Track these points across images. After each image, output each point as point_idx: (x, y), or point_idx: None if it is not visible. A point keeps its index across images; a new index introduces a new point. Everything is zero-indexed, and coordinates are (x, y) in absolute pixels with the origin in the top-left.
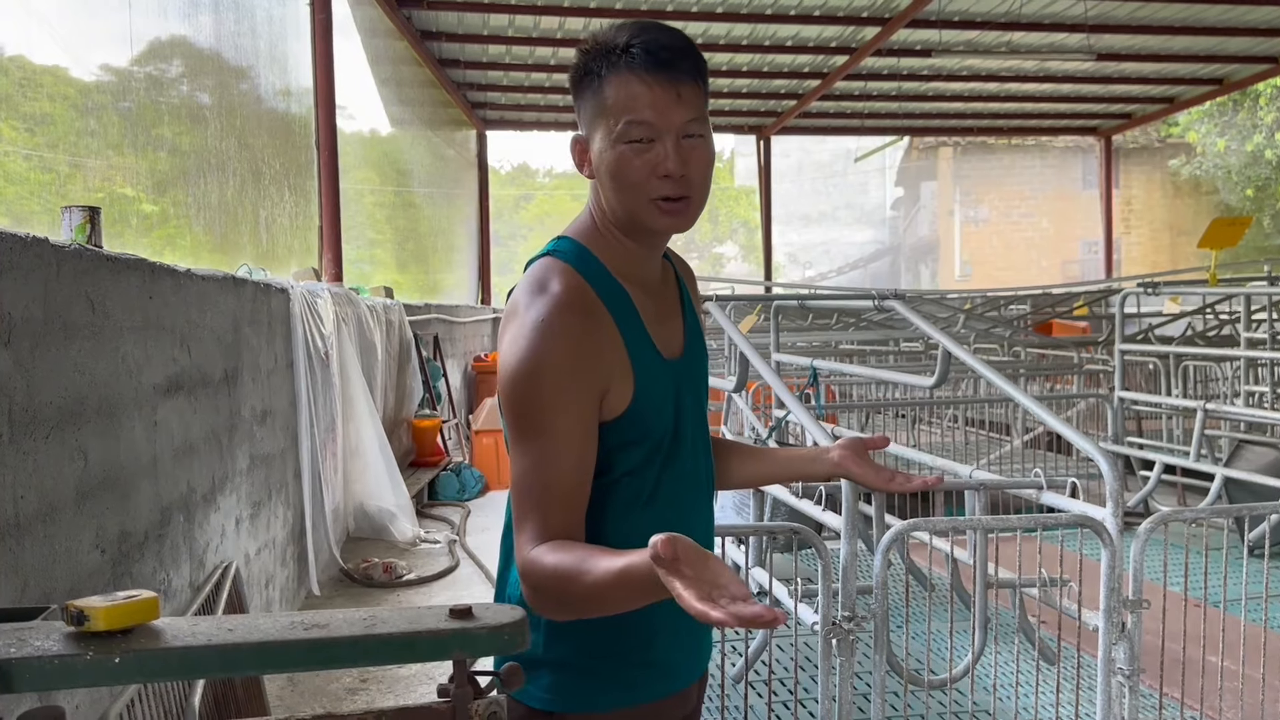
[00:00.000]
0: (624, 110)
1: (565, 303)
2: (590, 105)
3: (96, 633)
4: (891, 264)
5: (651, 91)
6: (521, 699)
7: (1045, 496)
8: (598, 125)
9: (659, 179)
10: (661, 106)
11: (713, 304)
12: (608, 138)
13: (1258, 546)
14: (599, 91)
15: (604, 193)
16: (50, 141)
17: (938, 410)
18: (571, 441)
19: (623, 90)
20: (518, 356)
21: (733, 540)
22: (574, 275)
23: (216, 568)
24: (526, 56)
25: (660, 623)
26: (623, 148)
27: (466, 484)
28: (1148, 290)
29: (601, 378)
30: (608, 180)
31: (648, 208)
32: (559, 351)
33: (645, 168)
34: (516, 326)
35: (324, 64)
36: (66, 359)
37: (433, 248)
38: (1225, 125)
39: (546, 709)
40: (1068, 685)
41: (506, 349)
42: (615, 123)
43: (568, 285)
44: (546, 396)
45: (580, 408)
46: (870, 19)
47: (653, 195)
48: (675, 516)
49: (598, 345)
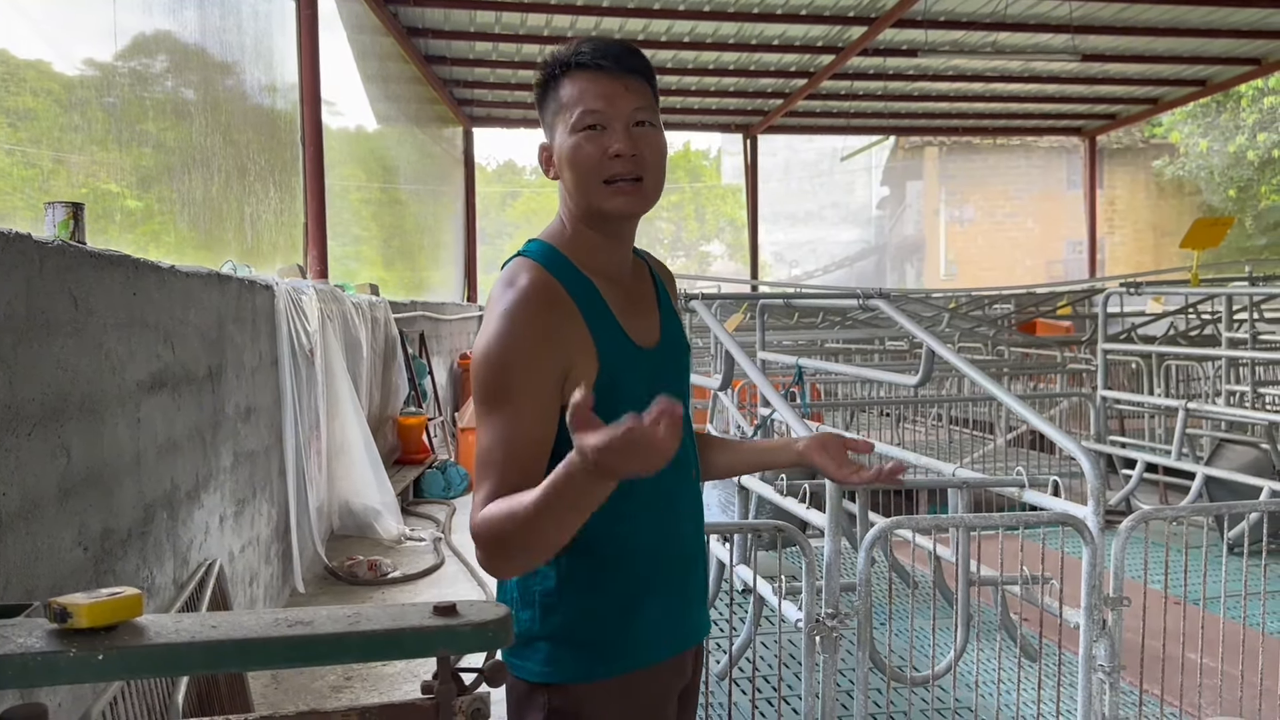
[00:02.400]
0: (577, 103)
1: (529, 295)
2: (550, 108)
3: (80, 630)
4: (877, 263)
5: (599, 84)
6: (520, 675)
7: (1028, 495)
8: (556, 124)
9: (610, 159)
10: (610, 96)
11: (699, 302)
12: (565, 131)
13: (1237, 545)
14: (555, 93)
15: (565, 186)
16: (34, 137)
17: (922, 409)
18: (531, 416)
19: (575, 87)
20: (485, 342)
21: (718, 538)
22: (539, 270)
23: (200, 565)
24: (513, 53)
25: (647, 589)
26: (577, 136)
27: (452, 481)
28: (1131, 290)
29: (563, 360)
30: (567, 170)
31: (601, 190)
32: (521, 336)
33: (598, 151)
34: (488, 317)
35: (309, 60)
36: (49, 355)
37: (419, 245)
38: (1208, 126)
39: (545, 681)
40: (1049, 682)
41: (478, 338)
42: (570, 115)
43: (532, 280)
44: (508, 376)
45: (540, 386)
46: (856, 18)
47: (604, 175)
48: (660, 499)
49: (559, 331)
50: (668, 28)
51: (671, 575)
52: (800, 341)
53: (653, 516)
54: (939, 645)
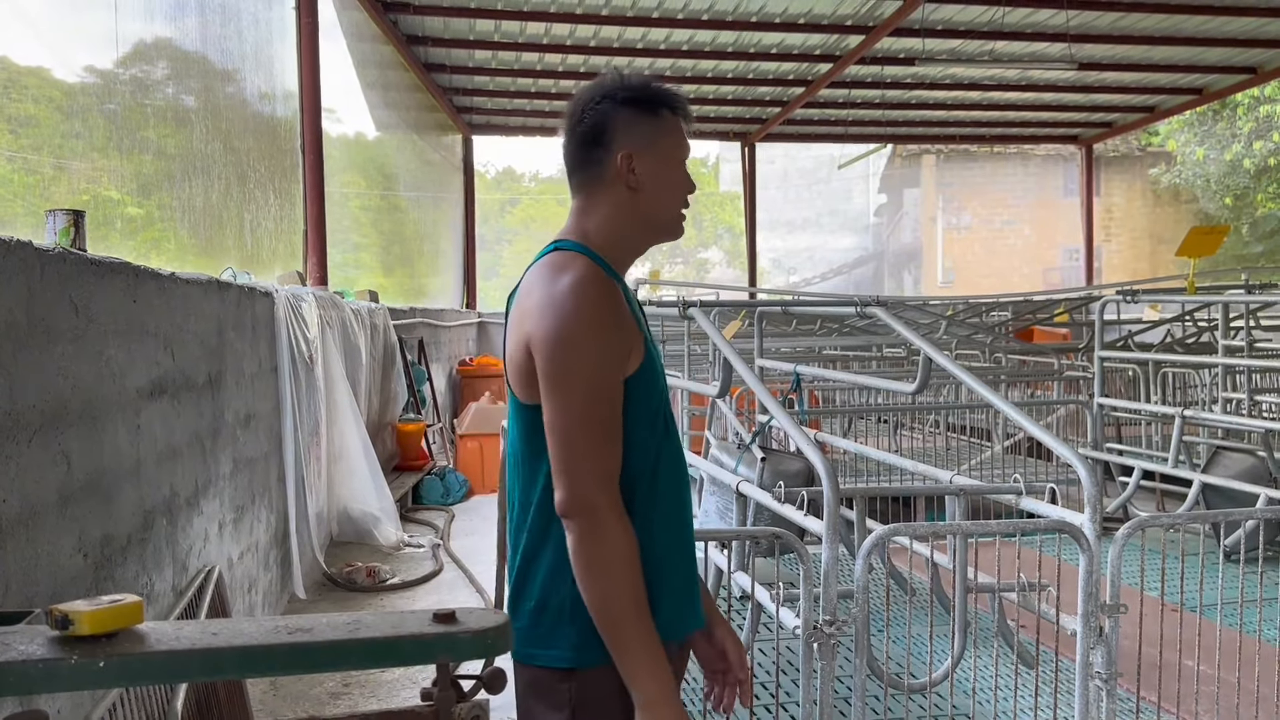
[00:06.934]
0: (682, 145)
1: (590, 274)
2: (645, 130)
3: (81, 637)
4: (875, 270)
5: (686, 135)
6: (545, 664)
7: (1025, 502)
8: (656, 148)
9: (688, 195)
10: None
11: (697, 310)
12: (666, 159)
13: (1234, 552)
14: (660, 122)
15: (644, 197)
16: (35, 144)
17: (919, 416)
18: (613, 384)
19: (680, 130)
20: (557, 316)
21: (716, 545)
22: (588, 260)
23: (199, 572)
24: (513, 62)
25: (663, 578)
26: (679, 169)
27: (451, 488)
28: (1127, 298)
29: (628, 334)
30: (661, 189)
31: (679, 215)
32: (593, 308)
33: (687, 187)
34: (544, 298)
35: (310, 67)
36: (49, 362)
37: (418, 251)
38: (1204, 134)
39: (573, 667)
40: (1046, 689)
41: (537, 318)
42: (677, 151)
43: (587, 263)
44: (590, 344)
45: (617, 358)
46: (854, 27)
47: (684, 206)
48: (673, 493)
49: (620, 311)
50: (666, 36)
51: (680, 566)
52: (798, 349)
53: (674, 502)
54: (936, 652)
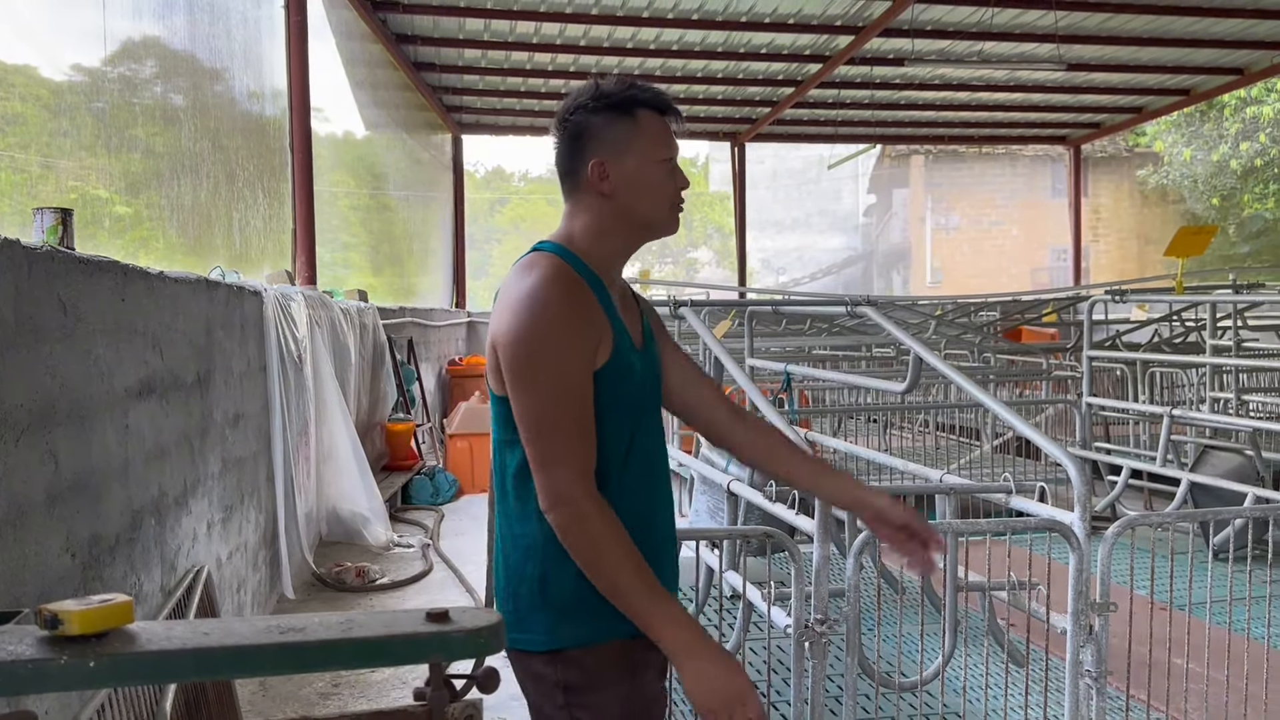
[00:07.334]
0: (660, 142)
1: (556, 275)
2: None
3: (70, 637)
4: (864, 270)
5: (670, 130)
6: (527, 648)
7: (1014, 501)
8: (630, 149)
9: (677, 191)
10: (677, 143)
11: (688, 309)
12: (642, 159)
13: (1222, 550)
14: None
15: (622, 200)
16: (22, 142)
17: (909, 415)
18: (579, 377)
19: (657, 126)
20: (519, 318)
21: (706, 544)
22: (557, 259)
23: (188, 572)
24: (502, 61)
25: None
26: (658, 168)
27: (440, 488)
28: (1115, 298)
29: (591, 334)
30: (640, 190)
31: (670, 213)
32: (558, 306)
33: (672, 184)
34: (512, 297)
35: (299, 66)
36: (37, 361)
37: (407, 251)
38: (1192, 135)
39: (549, 649)
40: (1036, 687)
41: (503, 316)
42: (652, 149)
43: (553, 263)
44: (550, 344)
45: (581, 352)
46: (843, 28)
47: (673, 202)
48: (646, 482)
49: (585, 306)
50: (656, 35)
51: (654, 550)
52: (788, 348)
53: (641, 496)
54: (927, 651)
